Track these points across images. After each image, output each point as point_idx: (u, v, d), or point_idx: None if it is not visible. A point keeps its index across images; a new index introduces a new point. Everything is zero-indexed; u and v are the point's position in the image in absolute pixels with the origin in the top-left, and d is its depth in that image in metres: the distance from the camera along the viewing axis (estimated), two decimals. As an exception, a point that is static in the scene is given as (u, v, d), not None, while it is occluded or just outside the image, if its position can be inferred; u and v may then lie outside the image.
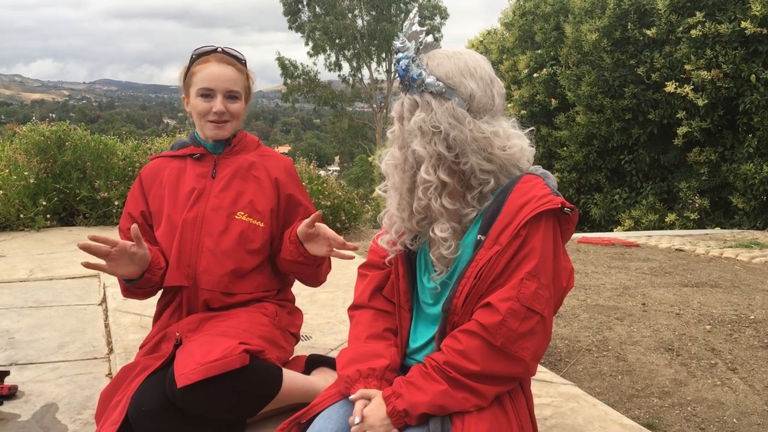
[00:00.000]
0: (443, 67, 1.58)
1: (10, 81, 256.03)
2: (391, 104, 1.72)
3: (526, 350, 1.51)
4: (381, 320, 1.76)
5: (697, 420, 2.64)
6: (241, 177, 2.41)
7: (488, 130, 1.56)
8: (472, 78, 1.58)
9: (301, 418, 1.67)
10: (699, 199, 9.15)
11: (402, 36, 1.60)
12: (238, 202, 2.38)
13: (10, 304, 3.78)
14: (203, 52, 2.38)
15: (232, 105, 2.35)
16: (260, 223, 2.39)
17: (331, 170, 36.25)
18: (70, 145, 6.68)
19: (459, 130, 1.54)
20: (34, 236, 5.95)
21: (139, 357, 2.32)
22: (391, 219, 1.70)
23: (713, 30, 8.56)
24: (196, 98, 2.34)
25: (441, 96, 1.56)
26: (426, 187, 1.58)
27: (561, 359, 3.23)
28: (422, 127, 1.56)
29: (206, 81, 2.32)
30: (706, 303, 4.12)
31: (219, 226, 2.34)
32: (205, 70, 2.33)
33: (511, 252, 1.52)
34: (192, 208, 2.35)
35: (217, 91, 2.32)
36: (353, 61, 36.72)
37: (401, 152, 1.63)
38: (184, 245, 2.32)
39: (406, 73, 1.58)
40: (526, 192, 1.55)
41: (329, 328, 3.27)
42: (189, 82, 2.36)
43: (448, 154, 1.56)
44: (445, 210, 1.59)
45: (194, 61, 2.37)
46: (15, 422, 2.32)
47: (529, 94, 11.36)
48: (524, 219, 1.51)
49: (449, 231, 1.59)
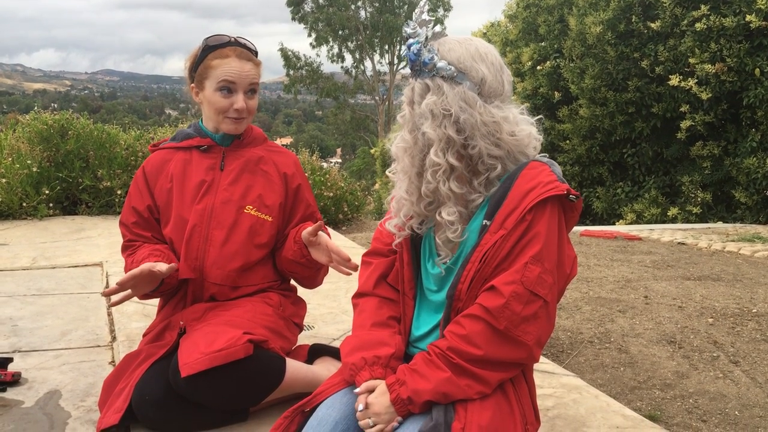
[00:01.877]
0: (455, 52, 1.59)
1: (12, 70, 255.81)
2: (394, 96, 1.73)
3: (529, 334, 1.52)
4: (385, 308, 1.76)
5: (699, 412, 2.65)
6: (250, 171, 2.40)
7: (498, 115, 1.57)
8: (483, 63, 1.59)
9: (305, 406, 1.68)
10: (701, 193, 9.14)
11: (412, 23, 1.61)
12: (247, 195, 2.36)
13: (13, 292, 3.78)
14: (219, 43, 2.31)
15: (251, 101, 2.32)
16: (268, 217, 2.38)
17: (334, 162, 36.20)
18: (73, 134, 6.67)
19: (469, 114, 1.55)
20: (37, 225, 5.95)
21: (143, 345, 2.33)
22: (399, 203, 1.70)
23: (718, 23, 8.53)
24: (215, 92, 2.28)
25: (452, 80, 1.57)
26: (435, 170, 1.59)
27: (563, 351, 3.23)
28: (433, 110, 1.57)
29: (228, 75, 2.26)
30: (708, 296, 4.12)
31: (228, 219, 2.33)
32: (225, 65, 2.27)
33: (516, 236, 1.53)
34: (201, 200, 2.33)
35: (239, 86, 2.28)
36: (356, 52, 36.65)
37: (411, 136, 1.64)
38: (192, 237, 2.31)
39: (418, 57, 1.58)
40: (532, 178, 1.56)
41: (332, 318, 3.28)
42: (205, 74, 2.30)
43: (458, 137, 1.56)
44: (452, 193, 1.59)
45: (208, 51, 2.30)
46: (18, 409, 2.33)
47: (532, 86, 11.34)
48: (530, 204, 1.52)
49: (456, 215, 1.60)
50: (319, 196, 7.00)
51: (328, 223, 6.88)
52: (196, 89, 2.35)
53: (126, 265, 2.32)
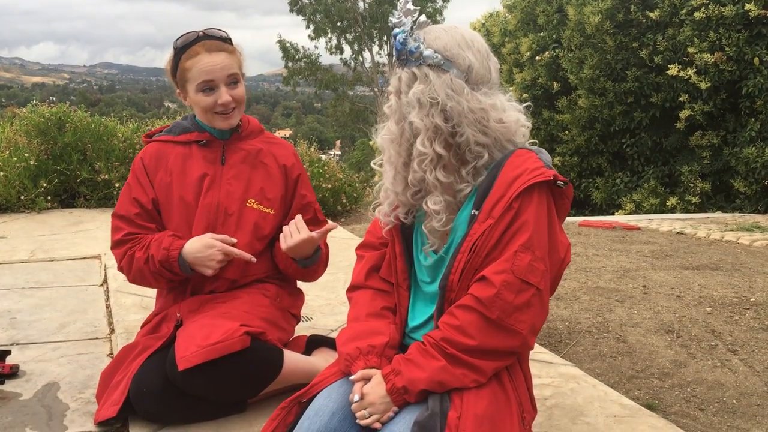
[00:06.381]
0: (441, 40, 1.58)
1: (10, 64, 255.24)
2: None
3: (522, 323, 1.52)
4: (379, 299, 1.76)
5: (697, 401, 2.65)
6: (250, 164, 2.37)
7: (486, 102, 1.56)
8: (470, 50, 1.59)
9: (302, 397, 1.68)
10: (700, 183, 9.12)
11: (398, 12, 1.60)
12: (249, 189, 2.35)
13: (11, 285, 3.78)
14: (187, 43, 2.25)
15: (234, 91, 2.27)
16: (270, 210, 2.37)
17: (333, 154, 36.14)
18: (71, 127, 6.65)
19: (456, 101, 1.55)
20: (35, 218, 5.94)
21: (140, 337, 2.33)
22: (386, 192, 1.70)
23: (717, 12, 8.49)
24: (197, 94, 2.25)
25: (439, 68, 1.57)
26: (421, 160, 1.58)
27: (561, 340, 3.24)
28: (420, 99, 1.56)
29: (203, 74, 2.21)
30: (706, 285, 4.12)
31: (234, 213, 2.32)
32: (198, 64, 2.22)
33: (504, 225, 1.52)
34: (206, 194, 2.31)
35: (218, 81, 2.23)
36: (354, 44, 36.52)
37: (398, 126, 1.63)
38: (198, 232, 2.29)
39: (404, 46, 1.58)
40: (518, 165, 1.55)
41: (330, 309, 3.28)
42: (183, 77, 2.27)
43: (445, 125, 1.56)
44: (439, 183, 1.59)
45: (180, 54, 2.26)
46: (17, 401, 2.33)
47: (531, 77, 11.30)
48: (516, 191, 1.52)
49: (442, 204, 1.60)
50: (318, 188, 6.99)
51: (326, 215, 6.86)
52: (182, 94, 2.32)
53: (138, 258, 2.26)
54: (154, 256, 2.22)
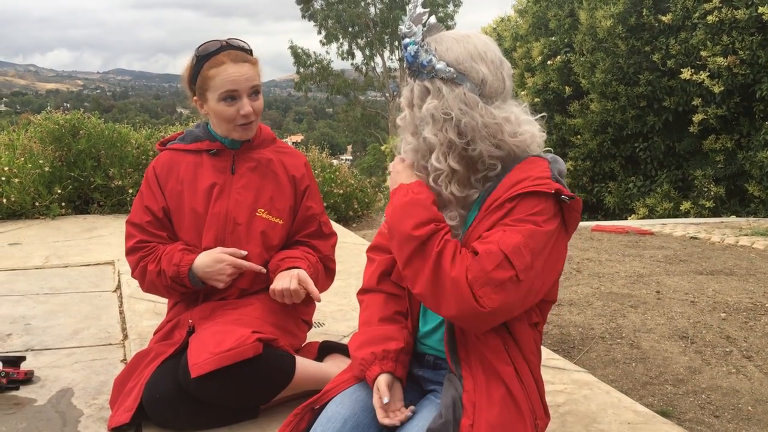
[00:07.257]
0: (453, 52, 1.55)
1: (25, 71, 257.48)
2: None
3: (490, 299, 1.42)
4: (391, 303, 1.76)
5: (712, 408, 2.63)
6: (260, 174, 2.37)
7: (500, 116, 1.54)
8: (483, 62, 1.55)
9: (315, 404, 1.68)
10: (714, 187, 9.06)
11: (407, 20, 1.56)
12: (259, 199, 2.35)
13: (26, 291, 3.81)
14: (212, 51, 2.25)
15: (255, 102, 2.27)
16: (279, 220, 2.37)
17: (344, 159, 36.19)
18: (84, 134, 6.70)
19: (470, 116, 1.52)
20: (50, 224, 5.99)
21: (153, 344, 2.34)
22: None
23: (730, 16, 8.45)
24: (219, 103, 2.24)
25: (452, 82, 1.54)
26: (437, 175, 1.57)
27: (574, 347, 3.22)
28: (434, 115, 1.54)
29: (228, 84, 2.21)
30: (721, 291, 4.09)
31: (243, 223, 2.32)
32: (223, 74, 2.21)
33: (494, 219, 1.50)
34: (215, 204, 2.32)
35: (242, 92, 2.23)
36: (366, 49, 36.60)
37: (414, 138, 1.62)
38: (208, 242, 2.30)
39: (415, 59, 1.55)
40: (524, 171, 1.53)
41: (342, 315, 3.28)
42: (204, 86, 2.25)
43: (459, 140, 1.54)
44: (454, 198, 1.58)
45: (203, 61, 2.25)
46: (31, 406, 2.35)
47: (542, 81, 11.27)
48: (512, 194, 1.49)
49: (457, 219, 1.59)
50: (329, 194, 7.00)
51: (338, 220, 6.88)
52: (200, 102, 2.31)
53: (150, 271, 2.27)
54: (166, 272, 2.24)
